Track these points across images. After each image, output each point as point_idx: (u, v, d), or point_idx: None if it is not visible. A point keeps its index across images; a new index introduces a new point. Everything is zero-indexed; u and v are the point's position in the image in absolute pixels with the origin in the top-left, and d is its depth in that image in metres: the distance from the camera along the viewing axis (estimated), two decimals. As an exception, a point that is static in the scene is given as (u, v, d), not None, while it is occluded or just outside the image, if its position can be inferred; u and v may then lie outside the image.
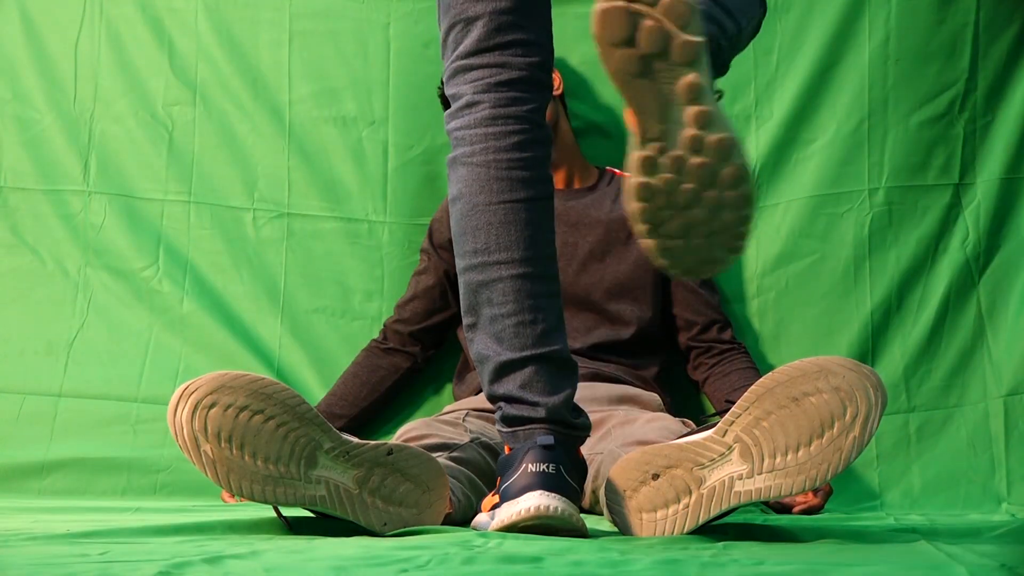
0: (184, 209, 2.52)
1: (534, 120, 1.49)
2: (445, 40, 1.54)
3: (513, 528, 1.42)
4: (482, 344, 1.50)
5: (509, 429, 1.51)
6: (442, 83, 2.45)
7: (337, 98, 2.54)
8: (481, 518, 1.55)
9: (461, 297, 1.53)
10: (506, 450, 1.52)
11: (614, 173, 2.44)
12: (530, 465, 1.45)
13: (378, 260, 2.50)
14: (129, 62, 2.56)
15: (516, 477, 1.46)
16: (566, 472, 1.46)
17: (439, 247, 2.40)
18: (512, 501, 1.44)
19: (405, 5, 2.55)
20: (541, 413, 1.48)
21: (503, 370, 1.49)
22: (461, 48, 1.50)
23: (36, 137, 2.54)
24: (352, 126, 2.54)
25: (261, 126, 2.54)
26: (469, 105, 1.49)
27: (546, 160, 1.49)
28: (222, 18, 2.57)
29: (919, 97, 2.44)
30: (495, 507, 1.49)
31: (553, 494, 1.43)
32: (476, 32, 1.49)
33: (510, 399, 1.49)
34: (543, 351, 1.48)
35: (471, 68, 1.49)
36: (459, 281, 1.53)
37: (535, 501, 1.41)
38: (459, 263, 1.51)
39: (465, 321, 1.53)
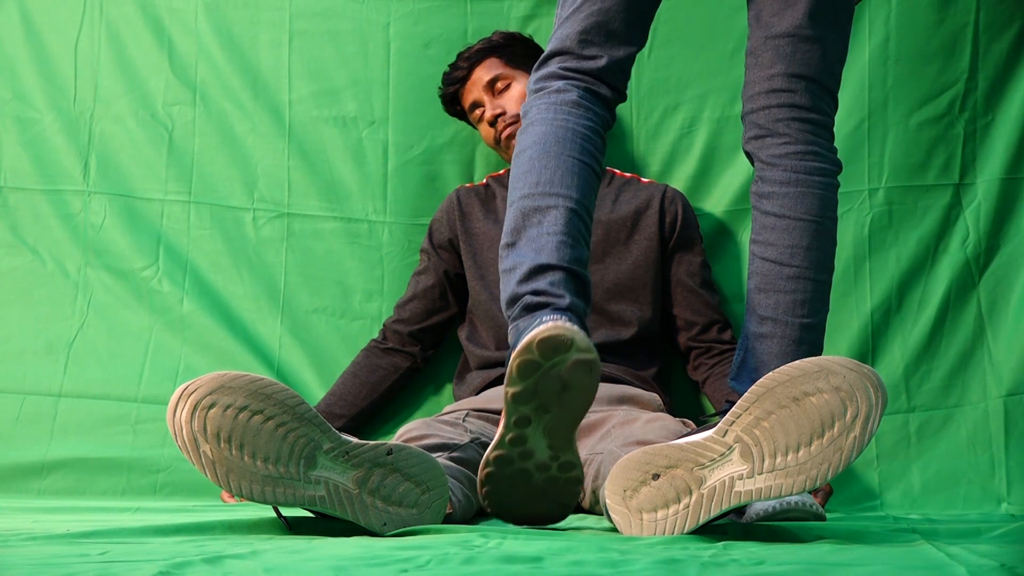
0: (184, 209, 2.52)
1: (603, 129, 1.70)
2: (549, 52, 1.75)
3: (532, 343, 1.44)
4: (518, 257, 1.56)
5: (527, 312, 1.53)
6: (442, 83, 2.46)
7: (337, 98, 2.55)
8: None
9: (507, 221, 1.61)
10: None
11: (614, 173, 2.44)
12: (546, 316, 1.49)
13: (378, 260, 2.50)
14: (129, 62, 2.56)
15: (533, 324, 1.48)
16: (577, 321, 1.51)
17: (439, 247, 2.40)
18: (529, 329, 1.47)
19: (405, 5, 2.55)
20: (565, 303, 1.52)
21: (538, 271, 1.54)
22: (566, 64, 1.72)
23: (36, 137, 2.54)
24: (352, 126, 2.54)
25: (261, 126, 2.54)
26: (559, 91, 1.68)
27: (603, 153, 1.69)
28: (222, 18, 2.57)
29: (919, 97, 2.44)
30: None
31: (570, 324, 1.46)
32: (584, 63, 1.71)
33: (537, 292, 1.53)
34: (577, 269, 1.56)
35: (565, 77, 1.70)
36: (508, 211, 1.61)
37: (552, 322, 1.46)
38: (515, 194, 1.61)
39: (505, 241, 1.60)
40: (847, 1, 1.77)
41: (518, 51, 2.41)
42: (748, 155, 1.79)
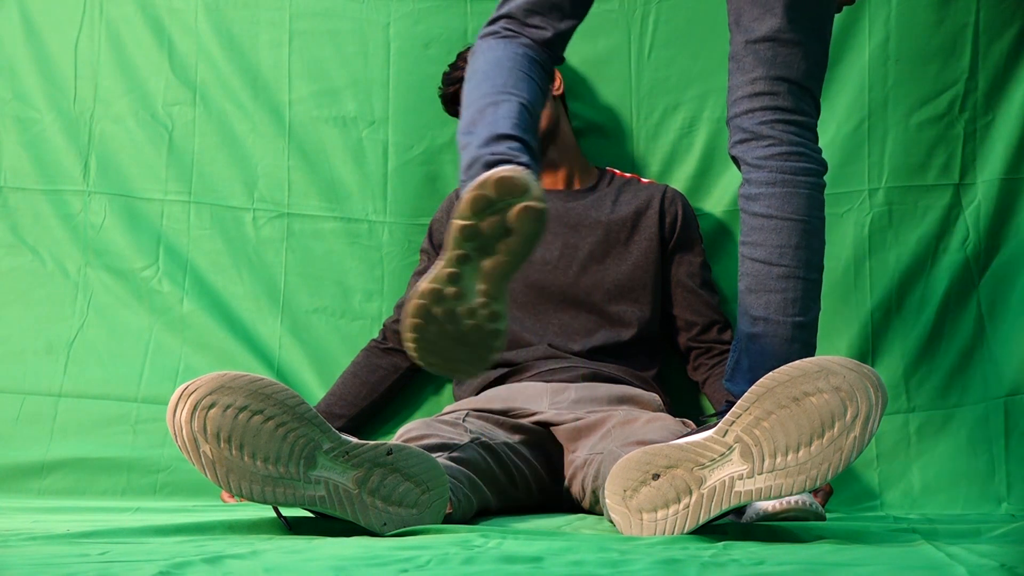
0: (184, 209, 2.52)
1: (547, 83, 1.78)
2: (497, 15, 1.80)
3: (489, 179, 1.47)
4: (476, 136, 1.61)
5: (487, 168, 1.56)
6: (442, 83, 2.46)
7: (337, 98, 2.54)
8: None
9: (463, 120, 1.66)
10: None
11: (614, 173, 2.44)
12: (506, 165, 1.52)
13: (378, 260, 2.50)
14: (129, 62, 2.56)
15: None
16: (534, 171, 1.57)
17: (439, 247, 2.40)
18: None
19: (405, 5, 2.55)
20: (524, 159, 1.58)
21: (497, 139, 1.60)
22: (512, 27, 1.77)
23: (36, 137, 2.54)
24: (352, 126, 2.54)
25: (261, 126, 2.54)
26: (508, 37, 1.76)
27: (547, 94, 1.80)
28: (222, 18, 2.57)
29: (919, 97, 2.44)
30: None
31: (529, 173, 1.51)
32: (529, 31, 1.76)
33: (496, 153, 1.58)
34: (530, 142, 1.62)
35: (511, 37, 1.76)
36: (464, 114, 1.67)
37: (512, 166, 1.50)
38: (469, 101, 1.68)
39: (462, 131, 1.65)
40: (827, 6, 1.78)
41: (518, 51, 2.40)
42: (734, 159, 1.81)
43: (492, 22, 1.80)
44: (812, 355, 1.72)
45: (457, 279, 1.51)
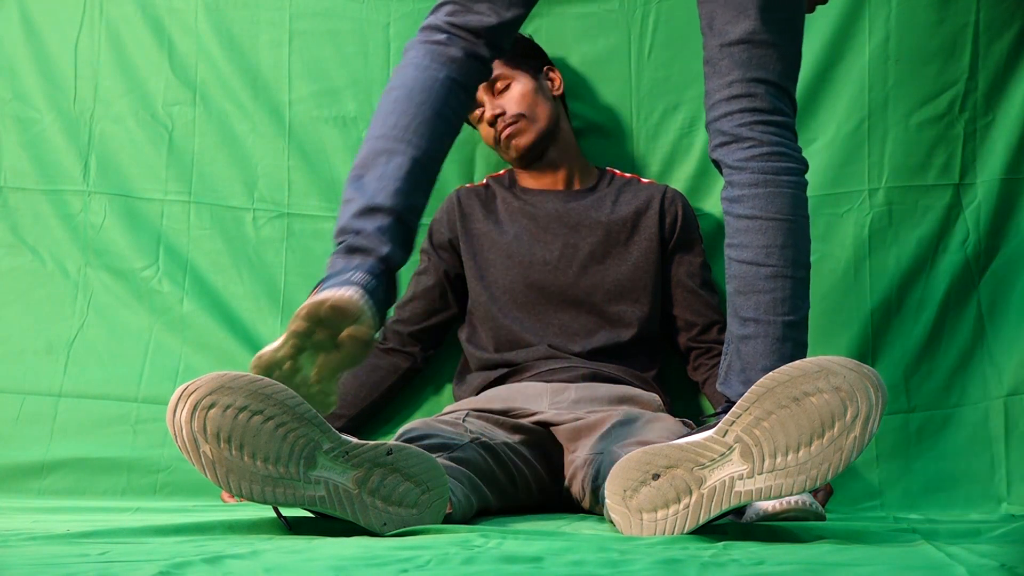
0: (184, 209, 2.52)
1: (474, 90, 1.81)
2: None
3: (324, 302, 1.55)
4: (359, 188, 1.69)
5: (348, 253, 1.64)
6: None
7: (337, 98, 2.54)
8: None
9: (359, 155, 1.72)
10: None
11: (614, 174, 2.44)
12: (354, 274, 1.60)
13: (378, 260, 2.49)
14: (129, 62, 2.56)
15: (336, 278, 1.60)
16: (377, 291, 1.62)
17: (439, 247, 2.40)
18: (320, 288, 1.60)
19: (405, 5, 2.55)
20: (383, 252, 1.65)
21: (370, 210, 1.67)
22: (454, 18, 1.78)
23: (36, 137, 2.54)
24: (352, 126, 2.54)
25: (261, 126, 2.54)
26: (441, 43, 1.78)
27: (468, 112, 1.86)
28: (222, 18, 2.57)
29: (919, 97, 2.44)
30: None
31: (363, 299, 1.57)
32: (471, 17, 1.77)
33: (361, 233, 1.66)
34: (405, 215, 1.68)
35: (450, 32, 1.78)
36: (363, 145, 1.73)
37: (351, 291, 1.58)
38: (372, 132, 1.73)
39: (351, 174, 1.72)
40: (799, 6, 1.79)
41: (518, 51, 2.40)
42: (715, 163, 1.81)
43: (437, 8, 1.82)
44: (805, 353, 1.73)
45: (292, 359, 1.60)
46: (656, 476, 1.53)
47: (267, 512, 1.62)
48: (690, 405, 2.39)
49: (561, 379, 2.21)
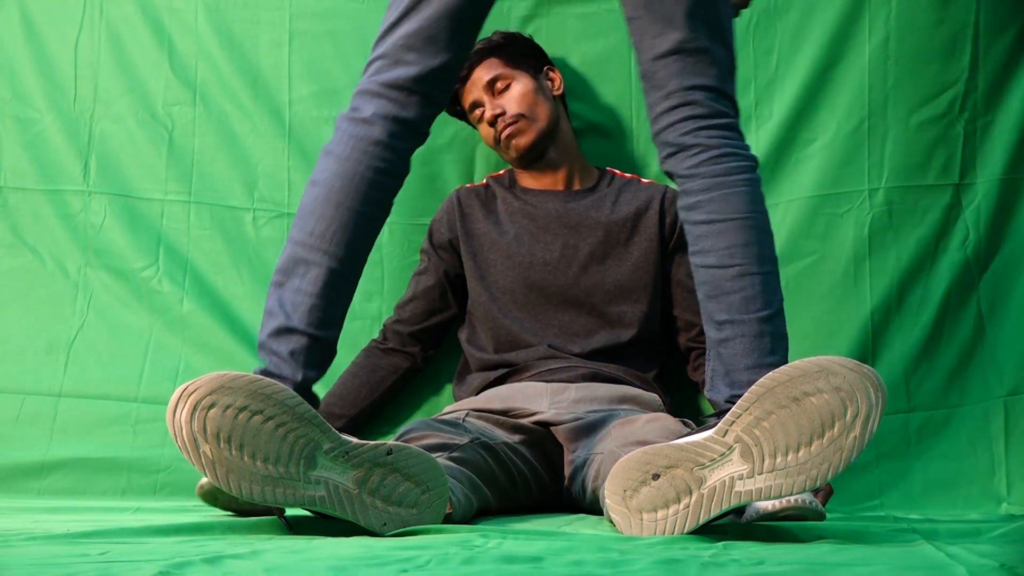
0: (184, 209, 2.51)
1: (405, 159, 1.83)
2: (373, 56, 1.83)
3: (202, 488, 1.76)
4: (277, 303, 1.75)
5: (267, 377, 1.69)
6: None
7: (337, 98, 2.54)
8: None
9: (281, 257, 1.77)
10: None
11: (614, 174, 2.44)
12: None
13: (378, 260, 2.49)
14: (129, 62, 2.56)
15: None
16: None
17: (439, 248, 2.40)
18: None
19: (405, 5, 2.55)
20: (297, 379, 1.71)
21: (284, 331, 1.72)
22: (381, 76, 1.80)
23: (36, 137, 2.54)
24: (352, 126, 2.53)
25: (261, 126, 2.54)
26: (366, 122, 1.79)
27: (396, 191, 1.83)
28: (222, 18, 2.57)
29: (919, 97, 2.44)
30: None
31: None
32: (399, 70, 1.79)
33: (278, 355, 1.72)
34: (320, 334, 1.73)
35: (379, 95, 1.80)
36: (286, 246, 1.77)
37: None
38: (294, 232, 1.77)
39: (274, 278, 1.77)
40: (724, 10, 1.79)
41: (518, 51, 2.40)
42: (668, 174, 1.82)
43: (369, 65, 1.82)
44: (786, 344, 1.73)
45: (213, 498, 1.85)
46: (656, 476, 1.53)
47: (267, 512, 1.62)
48: (690, 405, 2.39)
49: (561, 379, 2.21)
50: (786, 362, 1.68)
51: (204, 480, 1.73)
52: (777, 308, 1.74)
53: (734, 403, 1.61)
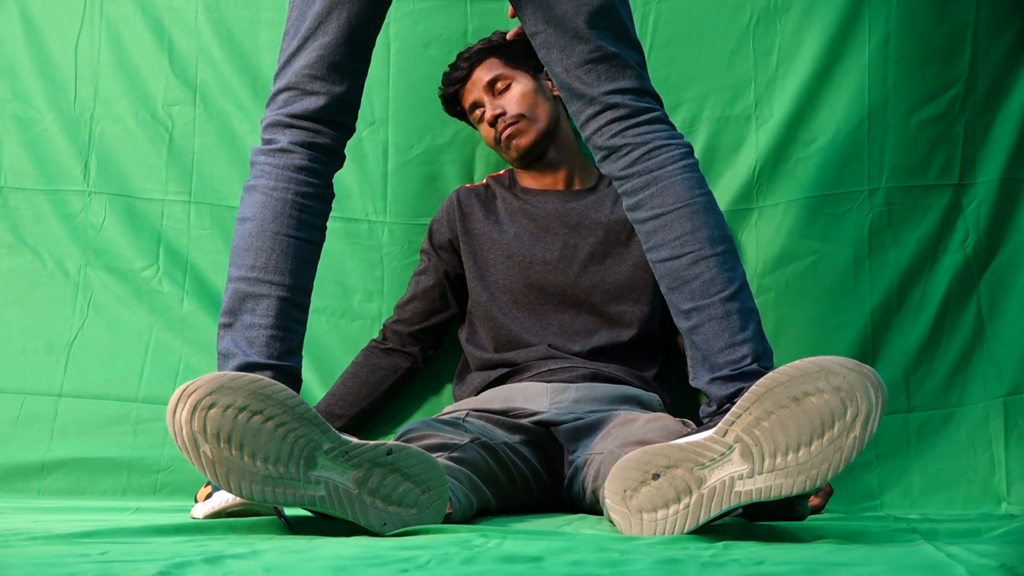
0: (184, 209, 2.52)
1: (328, 181, 1.81)
2: (277, 88, 1.82)
3: (221, 513, 1.68)
4: (232, 343, 1.71)
5: None
6: (442, 83, 2.46)
7: (337, 98, 2.54)
8: (196, 508, 1.74)
9: (225, 298, 1.74)
10: None
11: (614, 173, 2.44)
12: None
13: (378, 260, 2.50)
14: (129, 62, 2.56)
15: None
16: None
17: (439, 248, 2.40)
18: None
19: (405, 5, 2.55)
20: None
21: (247, 368, 1.67)
22: (290, 108, 1.79)
23: (36, 137, 2.54)
24: (352, 126, 2.53)
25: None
26: (284, 151, 1.77)
27: (327, 214, 1.82)
28: (222, 18, 2.57)
29: (919, 97, 2.44)
30: (208, 496, 1.73)
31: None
32: (307, 101, 1.78)
33: None
34: (284, 364, 1.70)
35: (291, 126, 1.78)
36: (227, 286, 1.75)
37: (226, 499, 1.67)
38: (233, 271, 1.75)
39: (222, 320, 1.74)
40: (625, 12, 1.80)
41: (518, 51, 2.40)
42: (609, 177, 1.83)
43: (274, 96, 1.81)
44: (756, 316, 1.72)
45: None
46: (656, 476, 1.54)
47: (267, 512, 1.62)
48: (690, 405, 2.38)
49: (561, 379, 2.21)
50: (759, 334, 1.70)
51: (215, 504, 1.71)
52: (739, 284, 1.73)
53: (715, 385, 1.62)
